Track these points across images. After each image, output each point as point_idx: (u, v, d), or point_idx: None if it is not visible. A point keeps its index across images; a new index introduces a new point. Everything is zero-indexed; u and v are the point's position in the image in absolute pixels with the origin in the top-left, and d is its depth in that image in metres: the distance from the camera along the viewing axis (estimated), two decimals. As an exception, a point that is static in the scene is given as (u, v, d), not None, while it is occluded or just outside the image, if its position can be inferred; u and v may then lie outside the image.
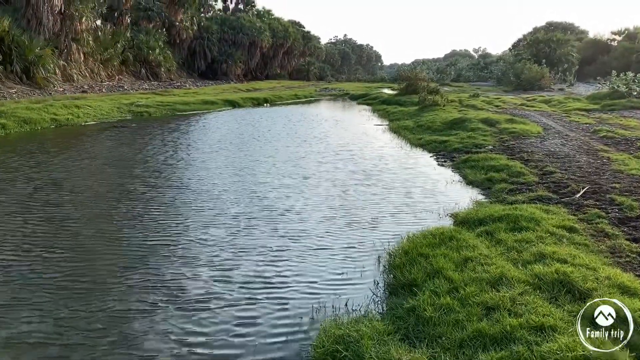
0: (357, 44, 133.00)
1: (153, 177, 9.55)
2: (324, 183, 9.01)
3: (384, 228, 6.44)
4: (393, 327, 3.59)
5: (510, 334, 3.27)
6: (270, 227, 6.48)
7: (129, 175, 9.70)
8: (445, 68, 65.83)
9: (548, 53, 44.60)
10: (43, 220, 6.70)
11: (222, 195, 8.13)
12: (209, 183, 9.00)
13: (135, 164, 10.68)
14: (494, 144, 12.23)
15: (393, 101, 27.11)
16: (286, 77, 69.66)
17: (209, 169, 10.33)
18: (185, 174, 9.86)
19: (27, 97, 22.41)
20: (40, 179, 9.15)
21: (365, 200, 7.84)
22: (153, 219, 6.81)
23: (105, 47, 35.03)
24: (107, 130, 16.64)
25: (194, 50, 54.28)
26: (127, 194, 8.22)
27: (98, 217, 6.90)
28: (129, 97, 24.84)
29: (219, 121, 20.15)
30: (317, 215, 7.00)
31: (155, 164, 10.85)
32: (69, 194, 8.14)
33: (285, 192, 8.34)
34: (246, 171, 10.06)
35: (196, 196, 8.04)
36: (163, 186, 8.78)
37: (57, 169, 10.12)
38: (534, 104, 23.22)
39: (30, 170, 9.92)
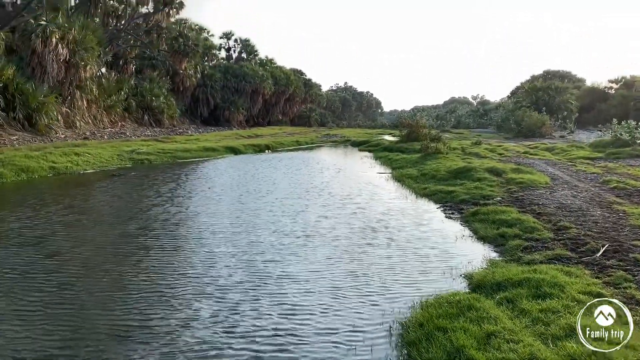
0: (357, 91, 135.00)
1: (144, 234, 8.94)
2: (326, 240, 8.47)
3: (394, 291, 6.00)
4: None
5: None
6: (266, 301, 5.68)
7: (119, 233, 9.06)
8: (445, 115, 66.44)
9: (547, 101, 44.94)
10: (24, 282, 6.29)
11: (214, 258, 7.36)
12: (201, 243, 8.37)
13: (127, 220, 10.03)
14: (502, 195, 11.90)
15: (395, 148, 27.01)
16: (288, 123, 70.17)
17: (203, 225, 9.71)
18: (177, 232, 9.27)
19: (28, 144, 22.29)
20: (24, 235, 8.75)
21: (371, 259, 7.38)
22: (136, 288, 6.13)
23: (109, 94, 35.29)
24: (104, 179, 16.36)
25: (197, 97, 54.88)
26: (112, 257, 7.57)
27: (79, 285, 6.38)
28: (130, 144, 24.74)
29: (218, 169, 19.89)
30: (320, 282, 6.37)
31: (147, 220, 10.24)
32: (50, 256, 7.54)
33: (284, 254, 7.64)
34: (243, 227, 9.45)
35: (186, 259, 7.41)
36: (153, 247, 8.13)
37: (44, 224, 9.64)
38: (537, 151, 23.04)
39: (18, 225, 9.55)
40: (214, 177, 17.47)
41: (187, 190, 14.21)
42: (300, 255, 7.58)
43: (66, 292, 6.02)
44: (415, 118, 39.57)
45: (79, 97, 30.99)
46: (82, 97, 31.35)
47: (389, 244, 8.21)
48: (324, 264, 7.12)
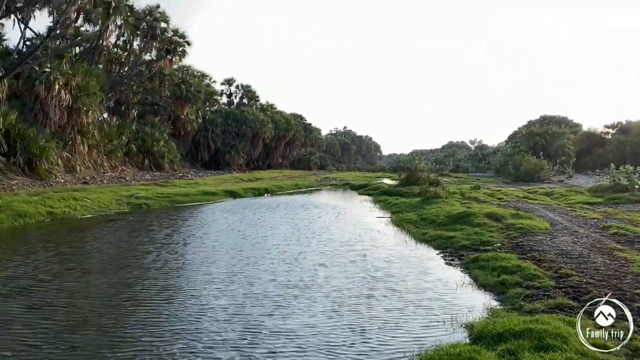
0: (356, 135, 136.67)
1: (135, 284, 8.67)
2: (323, 291, 8.22)
3: (393, 345, 5.85)
4: None
5: None
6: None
7: (109, 283, 8.77)
8: (443, 159, 66.89)
9: (545, 145, 45.38)
10: (21, 331, 6.14)
11: (206, 312, 7.05)
12: (193, 294, 8.04)
13: (118, 269, 9.77)
14: (502, 241, 11.81)
15: (394, 192, 26.99)
16: (288, 167, 70.63)
17: (197, 274, 9.43)
18: (169, 282, 8.96)
19: (28, 188, 22.30)
20: (7, 285, 8.60)
21: (370, 311, 7.17)
22: (121, 344, 5.86)
23: (110, 139, 35.64)
24: (101, 224, 16.26)
25: (198, 141, 55.47)
26: (99, 309, 7.23)
27: (61, 339, 6.18)
28: (129, 189, 24.74)
29: (215, 214, 19.79)
30: (316, 338, 6.10)
31: (140, 268, 9.98)
32: (33, 307, 7.33)
33: (279, 306, 7.34)
34: (238, 277, 9.12)
35: (177, 312, 7.11)
36: (144, 298, 7.88)
37: (31, 272, 9.47)
38: (536, 196, 23.04)
39: (4, 274, 9.42)
40: (211, 222, 17.37)
41: (183, 237, 14.02)
42: (296, 308, 7.31)
43: (46, 347, 5.80)
44: (414, 162, 39.79)
45: (80, 142, 31.27)
46: (83, 142, 31.63)
47: (389, 294, 8.02)
48: (321, 317, 6.90)
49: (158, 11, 39.91)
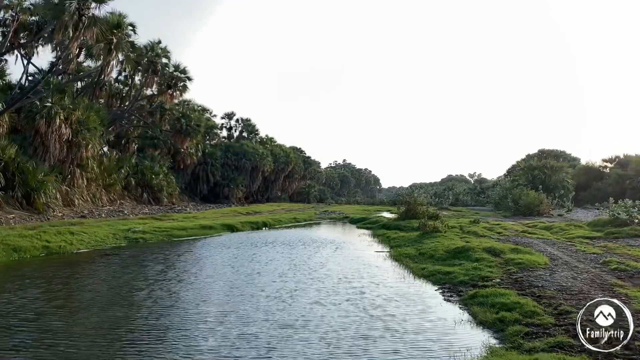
0: (356, 168, 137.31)
1: (125, 324, 8.43)
2: (319, 332, 7.98)
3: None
4: None
5: None
6: None
7: (98, 322, 8.52)
8: (442, 192, 66.90)
9: (543, 179, 45.47)
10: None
11: (195, 355, 6.84)
12: (184, 334, 7.79)
13: (109, 307, 9.53)
14: (501, 276, 11.67)
15: (393, 226, 26.91)
16: (287, 200, 70.63)
17: (189, 313, 9.15)
18: (160, 321, 8.63)
19: (25, 222, 22.21)
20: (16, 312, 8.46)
21: (367, 353, 7.01)
22: None
23: (109, 172, 35.71)
24: (96, 259, 16.10)
25: (197, 174, 55.60)
26: (85, 350, 7.02)
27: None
28: (126, 223, 24.62)
29: (212, 249, 19.56)
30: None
31: (131, 306, 9.69)
32: (15, 349, 7.11)
33: (272, 349, 7.10)
34: (231, 316, 8.83)
35: (165, 355, 6.89)
36: (134, 339, 7.61)
37: (15, 312, 9.24)
38: (535, 230, 22.93)
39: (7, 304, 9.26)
40: (206, 257, 17.18)
41: (176, 272, 13.76)
42: (290, 351, 7.09)
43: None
44: (413, 195, 39.78)
45: (79, 175, 31.31)
46: (82, 176, 31.67)
47: (386, 334, 7.81)
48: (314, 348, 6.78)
49: (159, 47, 40.57)
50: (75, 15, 24.14)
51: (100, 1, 25.50)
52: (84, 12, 24.74)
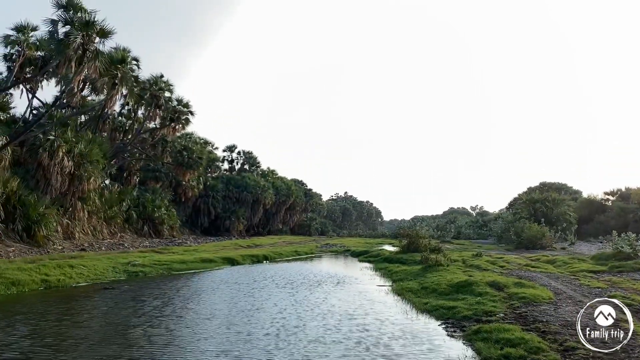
0: (357, 201, 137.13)
1: None
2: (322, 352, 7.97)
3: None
4: None
5: None
6: None
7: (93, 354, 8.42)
8: (445, 225, 66.58)
9: (545, 212, 45.29)
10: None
11: None
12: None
13: (99, 345, 9.30)
14: (504, 311, 11.50)
15: (395, 259, 26.73)
16: (288, 232, 70.32)
17: (185, 353, 8.93)
18: None
19: (24, 255, 22.08)
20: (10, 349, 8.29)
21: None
22: None
23: (110, 205, 35.69)
24: (95, 293, 15.92)
25: (198, 207, 55.54)
26: None
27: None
28: (126, 256, 24.47)
29: (210, 284, 19.27)
30: None
31: (122, 346, 9.34)
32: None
33: None
34: (228, 358, 8.54)
35: None
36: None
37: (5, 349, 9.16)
38: (538, 264, 22.70)
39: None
40: (206, 292, 16.96)
41: (174, 309, 13.41)
42: None
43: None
44: (415, 228, 39.59)
45: (80, 208, 31.28)
46: (83, 209, 31.64)
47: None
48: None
49: (162, 80, 41.11)
50: (80, 50, 24.56)
51: (104, 36, 25.96)
52: (88, 47, 25.17)
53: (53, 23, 25.31)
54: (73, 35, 24.28)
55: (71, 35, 24.28)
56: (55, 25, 25.28)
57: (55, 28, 25.30)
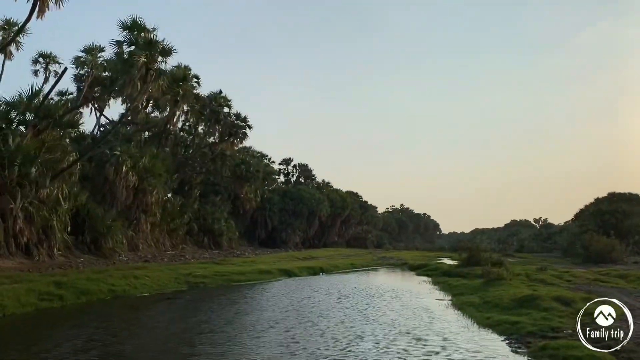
0: (414, 213, 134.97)
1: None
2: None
3: None
4: None
5: None
6: None
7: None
8: (506, 238, 64.59)
9: (615, 224, 43.00)
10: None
11: None
12: None
13: (169, 351, 9.56)
14: (572, 327, 10.91)
15: (454, 273, 26.11)
16: (344, 245, 70.07)
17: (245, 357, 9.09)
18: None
19: (92, 266, 23.09)
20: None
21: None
22: None
23: (172, 218, 36.85)
24: (158, 303, 16.48)
25: (255, 219, 56.38)
26: None
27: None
28: (187, 267, 25.14)
29: (269, 295, 19.47)
30: None
31: (191, 352, 9.63)
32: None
33: None
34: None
35: None
36: None
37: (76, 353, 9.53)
38: (609, 279, 21.55)
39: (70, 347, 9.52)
40: (264, 302, 17.17)
41: (237, 317, 13.81)
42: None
43: None
44: (475, 241, 38.62)
45: (143, 221, 32.45)
46: (146, 221, 32.81)
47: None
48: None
49: (221, 96, 42.31)
50: (143, 69, 25.65)
51: (166, 54, 27.01)
52: (151, 66, 26.25)
53: (118, 44, 26.60)
54: (137, 55, 25.41)
55: (135, 55, 25.42)
56: (120, 46, 26.57)
57: (120, 49, 26.58)
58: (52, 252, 22.81)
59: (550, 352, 8.86)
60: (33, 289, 14.92)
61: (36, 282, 15.90)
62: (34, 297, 14.43)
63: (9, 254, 20.72)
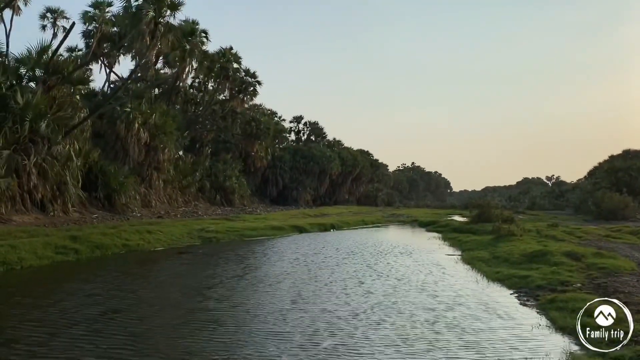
0: (425, 171, 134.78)
1: (189, 322, 8.46)
2: (393, 318, 8.03)
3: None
4: None
5: None
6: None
7: (162, 322, 8.68)
8: (518, 196, 64.35)
9: (629, 181, 42.55)
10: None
11: None
12: (253, 329, 7.95)
13: (163, 310, 9.62)
14: (582, 281, 10.97)
15: (465, 229, 26.15)
16: (354, 203, 70.37)
17: (257, 310, 9.29)
18: (220, 329, 8.14)
19: (106, 222, 23.47)
20: (97, 306, 8.92)
21: (438, 344, 6.90)
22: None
23: (184, 175, 37.12)
24: (171, 257, 16.76)
25: (267, 177, 56.65)
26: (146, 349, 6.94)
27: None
28: (200, 223, 25.46)
29: (281, 249, 19.82)
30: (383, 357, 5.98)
31: (196, 307, 9.67)
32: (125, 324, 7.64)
33: (342, 339, 7.32)
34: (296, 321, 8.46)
35: None
36: (195, 339, 7.83)
37: (114, 297, 9.85)
38: (620, 235, 21.49)
39: (93, 296, 9.79)
40: (276, 256, 17.44)
41: (249, 269, 14.13)
42: (365, 334, 7.25)
43: None
44: (486, 199, 38.52)
45: (156, 178, 32.73)
46: (159, 178, 33.10)
47: (459, 334, 7.64)
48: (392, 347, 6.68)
49: (231, 52, 41.78)
50: (152, 24, 25.33)
51: (174, 8, 26.59)
52: (160, 21, 25.89)
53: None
54: (145, 9, 25.05)
55: (143, 9, 25.06)
56: (128, 0, 26.16)
57: (128, 3, 26.20)
58: (66, 208, 23.17)
59: (559, 305, 8.87)
60: (49, 242, 15.25)
61: (52, 237, 16.23)
62: (51, 250, 14.76)
63: (25, 209, 21.08)
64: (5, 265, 12.81)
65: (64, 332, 7.59)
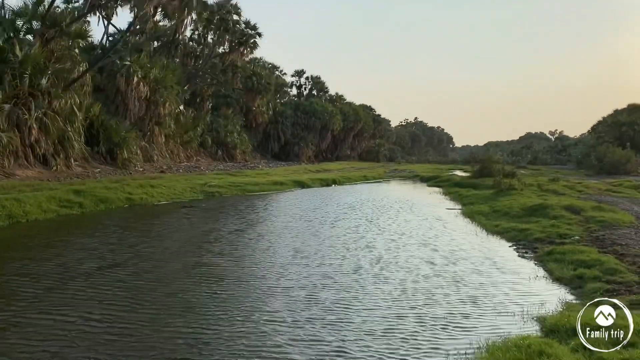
0: (427, 127, 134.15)
1: (192, 272, 8.64)
2: (393, 272, 8.24)
3: (459, 332, 5.64)
4: None
5: None
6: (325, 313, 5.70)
7: (172, 271, 8.95)
8: (520, 150, 64.18)
9: (632, 136, 42.33)
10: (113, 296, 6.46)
11: (268, 300, 6.97)
12: (255, 282, 8.15)
13: (176, 257, 9.91)
14: (580, 234, 11.11)
15: (466, 184, 26.24)
16: (356, 158, 70.43)
17: (258, 264, 9.53)
18: (219, 287, 8.14)
19: (109, 176, 23.59)
20: (104, 258, 9.10)
21: (436, 296, 7.07)
22: None
23: (185, 130, 37.02)
24: (174, 210, 16.92)
25: (268, 133, 56.48)
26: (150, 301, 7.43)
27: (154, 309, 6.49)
28: (202, 178, 25.58)
29: (282, 203, 20.02)
30: (381, 324, 6.12)
31: (199, 259, 9.79)
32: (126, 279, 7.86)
33: (344, 288, 7.63)
34: (291, 278, 8.68)
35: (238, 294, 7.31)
36: (198, 290, 7.99)
37: (114, 250, 10.03)
38: (621, 189, 21.55)
39: (93, 250, 9.96)
40: (278, 210, 17.63)
41: (252, 224, 14.31)
42: (364, 288, 7.40)
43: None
44: (488, 153, 38.48)
45: (157, 132, 32.68)
46: (160, 133, 33.04)
47: (455, 282, 7.85)
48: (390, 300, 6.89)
49: (230, 3, 40.84)
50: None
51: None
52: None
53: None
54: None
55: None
56: (125, -51, 25.41)
57: (125, -48, 25.43)
58: (69, 162, 23.24)
59: (556, 257, 9.01)
60: (53, 196, 15.36)
61: (56, 190, 16.34)
62: (55, 204, 14.89)
63: (28, 164, 21.15)
64: (10, 218, 12.96)
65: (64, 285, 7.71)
